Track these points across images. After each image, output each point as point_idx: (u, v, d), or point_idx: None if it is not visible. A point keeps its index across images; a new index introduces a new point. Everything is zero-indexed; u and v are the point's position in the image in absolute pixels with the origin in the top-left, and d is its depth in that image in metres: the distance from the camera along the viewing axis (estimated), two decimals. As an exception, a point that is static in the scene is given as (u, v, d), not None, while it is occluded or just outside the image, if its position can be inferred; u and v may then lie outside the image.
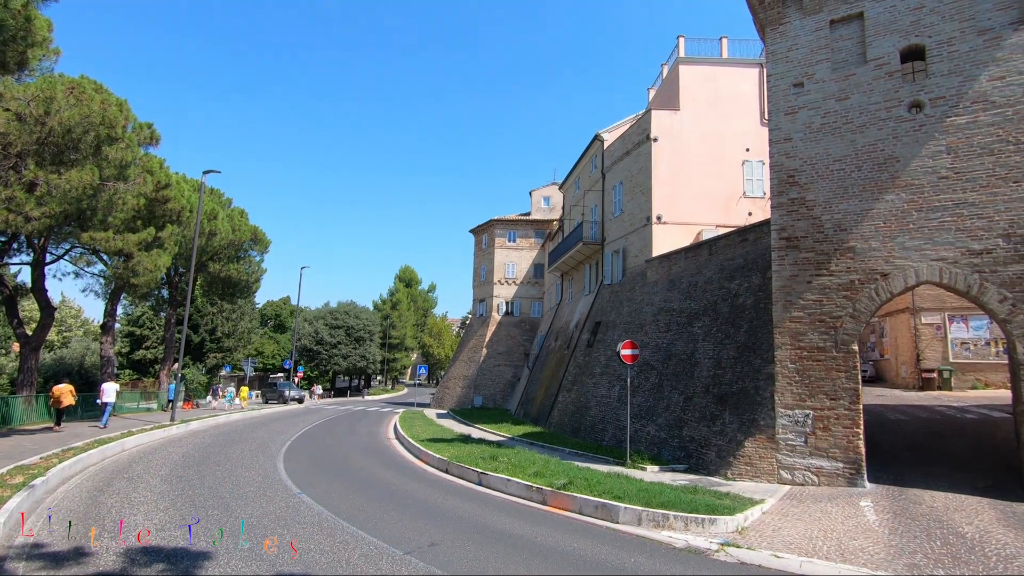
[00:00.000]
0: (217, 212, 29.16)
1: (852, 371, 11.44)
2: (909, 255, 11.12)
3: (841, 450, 11.21)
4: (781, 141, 12.78)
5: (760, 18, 13.47)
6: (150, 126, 23.57)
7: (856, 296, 11.53)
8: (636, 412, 16.68)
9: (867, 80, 12.00)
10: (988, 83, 10.79)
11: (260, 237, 33.95)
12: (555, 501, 9.97)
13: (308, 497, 9.84)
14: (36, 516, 8.21)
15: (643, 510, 8.74)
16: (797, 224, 12.33)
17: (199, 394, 37.07)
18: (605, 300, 25.23)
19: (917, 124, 11.36)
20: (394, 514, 8.89)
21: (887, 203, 11.43)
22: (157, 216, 23.88)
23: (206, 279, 32.86)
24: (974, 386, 22.48)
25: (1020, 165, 10.35)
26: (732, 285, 16.42)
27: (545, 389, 28.55)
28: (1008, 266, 10.24)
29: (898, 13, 11.81)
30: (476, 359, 43.40)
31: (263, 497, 9.75)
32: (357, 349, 56.13)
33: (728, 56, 23.89)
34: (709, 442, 13.80)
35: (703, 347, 16.18)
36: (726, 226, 21.17)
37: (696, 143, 22.74)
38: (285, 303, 65.40)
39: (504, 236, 45.73)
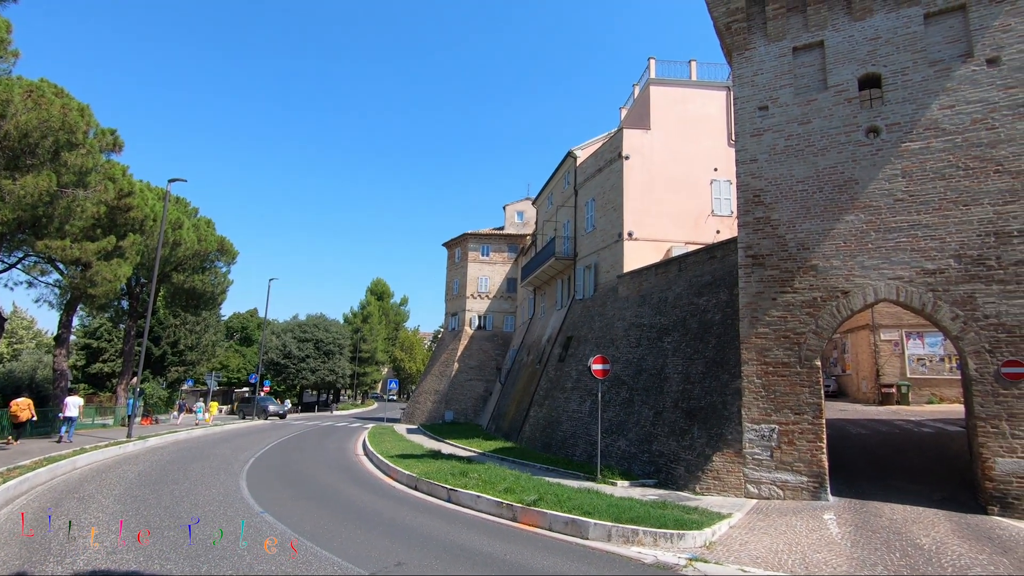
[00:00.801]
0: (182, 221, 28.44)
1: (815, 386, 11.73)
2: (868, 274, 11.53)
3: (805, 464, 11.44)
4: (747, 162, 13.16)
5: (727, 43, 13.93)
6: (113, 132, 22.92)
7: (819, 313, 11.87)
8: (607, 427, 16.74)
9: (828, 105, 12.49)
10: (939, 111, 11.35)
11: (227, 248, 33.20)
12: (525, 518, 9.89)
13: (271, 516, 9.54)
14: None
15: (613, 526, 8.73)
16: (763, 242, 12.67)
17: (159, 409, 35.77)
18: (577, 315, 25.39)
19: (874, 148, 11.85)
20: (360, 533, 8.68)
21: (847, 223, 11.85)
22: (119, 225, 23.15)
23: (169, 290, 31.90)
24: (930, 400, 23.30)
25: (969, 190, 10.88)
26: (701, 301, 16.72)
27: (517, 404, 28.44)
28: (959, 285, 10.70)
29: (856, 43, 12.37)
30: (448, 373, 43.04)
31: (223, 517, 9.40)
32: (326, 363, 55.08)
33: (697, 79, 24.61)
34: (678, 457, 13.92)
35: (673, 362, 16.39)
36: (695, 243, 21.63)
37: (666, 162, 23.26)
38: (252, 315, 63.89)
39: (477, 250, 45.74)
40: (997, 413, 10.10)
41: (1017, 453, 9.87)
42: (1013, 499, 9.77)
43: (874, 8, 12.24)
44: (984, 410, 10.20)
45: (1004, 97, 10.84)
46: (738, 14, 13.45)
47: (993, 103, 10.91)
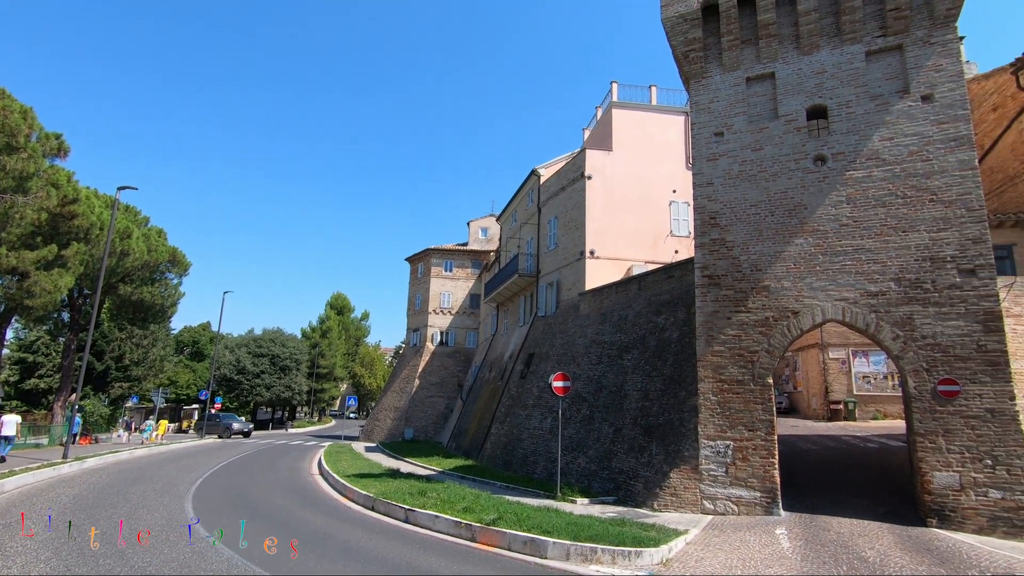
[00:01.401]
0: (132, 231, 27.28)
1: (768, 403, 12.09)
2: (816, 295, 12.03)
3: (759, 479, 11.73)
4: (704, 185, 13.62)
5: (685, 71, 14.46)
6: (59, 136, 21.92)
7: (771, 332, 12.29)
8: (567, 444, 16.77)
9: (778, 134, 13.10)
10: (880, 143, 12.06)
11: (179, 259, 32.00)
12: (484, 537, 9.76)
13: (218, 542, 9.10)
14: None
15: (572, 544, 8.71)
16: (718, 263, 13.08)
17: (100, 428, 33.81)
18: (539, 332, 25.49)
19: (821, 176, 12.47)
20: (312, 557, 8.38)
21: (796, 246, 12.37)
22: (61, 233, 22.05)
23: (115, 302, 30.43)
24: (875, 416, 24.32)
25: (907, 217, 11.54)
26: (659, 319, 17.07)
27: (478, 421, 28.21)
28: (899, 307, 11.29)
29: (804, 76, 13.05)
30: (408, 390, 42.37)
31: (165, 543, 8.93)
32: (282, 379, 53.40)
33: (657, 103, 25.41)
34: (637, 473, 14.05)
35: (632, 379, 16.61)
36: (654, 262, 22.14)
37: (627, 183, 23.82)
38: (205, 329, 61.46)
39: (441, 265, 45.51)
40: (934, 429, 10.63)
41: (953, 467, 10.39)
42: (949, 511, 10.25)
43: (820, 44, 12.97)
44: (922, 426, 10.72)
45: (937, 132, 11.61)
46: (695, 44, 14.01)
47: (928, 137, 11.66)
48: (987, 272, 10.82)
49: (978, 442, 10.32)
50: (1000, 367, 10.43)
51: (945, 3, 11.76)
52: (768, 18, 13.22)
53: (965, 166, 11.28)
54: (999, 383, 10.38)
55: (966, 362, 10.64)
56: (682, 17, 13.99)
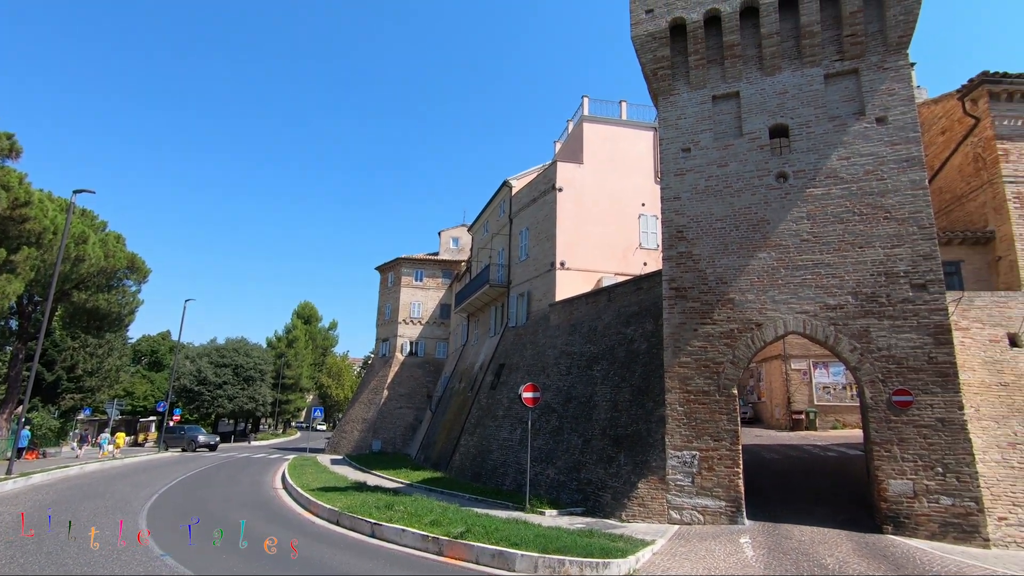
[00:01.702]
0: (88, 235, 26.26)
1: (733, 413, 12.33)
2: (779, 307, 12.38)
3: (724, 489, 11.92)
4: (671, 199, 13.91)
5: (654, 88, 14.80)
6: (10, 136, 21.06)
7: (735, 344, 12.57)
8: (537, 455, 16.75)
9: (743, 151, 13.50)
10: (838, 161, 12.55)
11: (138, 265, 30.95)
12: (452, 551, 9.63)
13: (173, 560, 8.75)
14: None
15: (540, 556, 8.68)
16: (685, 276, 13.34)
17: (49, 442, 32.18)
18: (509, 342, 25.48)
19: (783, 192, 12.89)
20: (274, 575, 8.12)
21: (760, 260, 12.72)
22: (11, 237, 21.09)
23: (68, 309, 29.19)
24: (834, 426, 25.04)
25: (863, 233, 12.01)
26: (628, 331, 17.27)
27: (447, 432, 27.94)
28: (856, 320, 11.70)
29: (767, 96, 13.52)
30: (377, 401, 41.72)
31: (116, 562, 8.53)
32: (245, 390, 51.85)
33: (627, 118, 25.91)
34: (605, 484, 14.11)
35: (601, 390, 16.73)
36: (624, 274, 22.44)
37: (597, 195, 24.15)
38: (165, 338, 59.43)
39: (411, 275, 45.16)
40: (890, 438, 11.01)
41: (907, 475, 10.76)
42: (904, 518, 10.60)
43: (782, 66, 13.46)
44: (878, 435, 11.10)
45: (891, 152, 12.16)
46: (664, 62, 14.37)
47: (882, 157, 12.19)
48: (937, 287, 11.32)
49: (930, 450, 10.73)
50: (950, 378, 10.90)
51: (897, 31, 12.38)
52: (733, 39, 13.67)
53: (916, 186, 11.83)
54: (949, 393, 10.84)
55: (918, 373, 11.08)
56: (651, 36, 14.34)
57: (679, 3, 14.08)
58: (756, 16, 13.61)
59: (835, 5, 12.94)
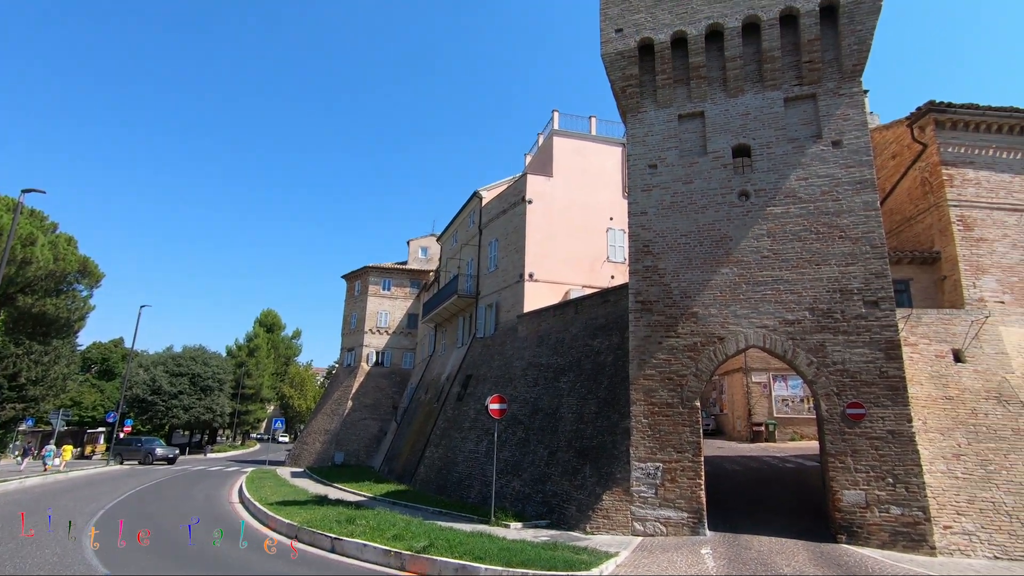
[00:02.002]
0: (36, 237, 25.08)
1: (695, 425, 12.55)
2: (740, 322, 12.70)
3: (686, 500, 12.09)
4: (638, 214, 14.18)
5: (623, 104, 15.12)
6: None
7: (698, 357, 12.82)
8: (502, 467, 16.66)
9: (707, 169, 13.88)
10: (796, 182, 13.03)
11: (90, 269, 29.68)
12: (414, 566, 9.47)
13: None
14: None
15: (504, 570, 8.61)
16: (651, 289, 13.58)
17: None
18: (477, 353, 25.38)
19: (745, 210, 13.29)
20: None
21: (722, 275, 13.05)
22: (-48, 237, 19.95)
23: (12, 314, 27.73)
24: (792, 438, 25.73)
25: (820, 251, 12.47)
26: (595, 343, 17.43)
27: (412, 444, 27.55)
28: (813, 335, 12.10)
29: (730, 117, 13.97)
30: (340, 412, 40.85)
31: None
32: (203, 400, 50.08)
33: (596, 133, 26.38)
34: (571, 496, 14.12)
35: (567, 402, 16.80)
36: (591, 287, 22.68)
37: (566, 208, 24.43)
38: (117, 345, 56.94)
39: (379, 284, 44.61)
40: (844, 449, 11.37)
41: (860, 486, 11.13)
42: (857, 528, 10.94)
43: (745, 88, 13.95)
44: (833, 447, 11.45)
45: (845, 174, 12.69)
46: (632, 80, 14.71)
47: (837, 178, 12.72)
48: (888, 304, 11.83)
49: (881, 461, 11.13)
50: (899, 392, 11.35)
51: (851, 59, 13.00)
52: (698, 61, 14.10)
53: (869, 207, 12.37)
54: (898, 406, 11.29)
55: (871, 387, 11.52)
56: (620, 54, 14.67)
57: (647, 24, 14.46)
58: (721, 40, 14.09)
59: (795, 32, 13.51)
